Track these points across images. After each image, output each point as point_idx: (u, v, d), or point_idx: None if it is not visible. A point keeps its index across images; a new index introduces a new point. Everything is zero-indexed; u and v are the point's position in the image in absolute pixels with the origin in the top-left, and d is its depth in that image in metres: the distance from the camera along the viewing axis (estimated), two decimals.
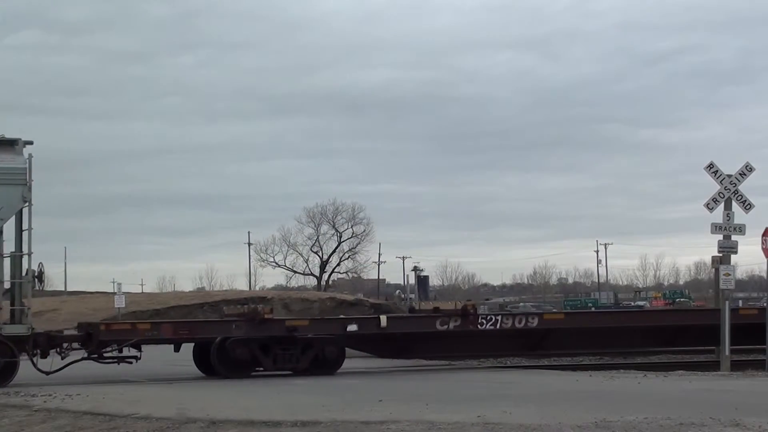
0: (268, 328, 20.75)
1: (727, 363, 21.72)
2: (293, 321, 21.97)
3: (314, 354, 20.67)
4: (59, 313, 44.64)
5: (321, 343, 20.79)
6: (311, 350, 20.70)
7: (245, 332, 20.54)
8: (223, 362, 20.32)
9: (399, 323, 22.61)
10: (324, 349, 20.73)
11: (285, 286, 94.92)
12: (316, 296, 55.29)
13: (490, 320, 22.06)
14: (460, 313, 21.83)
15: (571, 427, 10.88)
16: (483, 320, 21.99)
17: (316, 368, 20.51)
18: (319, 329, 21.32)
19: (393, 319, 22.67)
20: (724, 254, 22.38)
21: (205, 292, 79.74)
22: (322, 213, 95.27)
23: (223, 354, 20.34)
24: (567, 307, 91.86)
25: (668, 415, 11.58)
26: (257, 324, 20.64)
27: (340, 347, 21.07)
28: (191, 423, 12.17)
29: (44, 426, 12.76)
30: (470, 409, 12.63)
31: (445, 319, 21.70)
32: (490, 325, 21.86)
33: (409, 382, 19.08)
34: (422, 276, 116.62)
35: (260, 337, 20.55)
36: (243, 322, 20.81)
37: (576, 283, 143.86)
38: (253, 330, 20.57)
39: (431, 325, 21.82)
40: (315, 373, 20.18)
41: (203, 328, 21.74)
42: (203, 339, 21.06)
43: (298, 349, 20.63)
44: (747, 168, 22.33)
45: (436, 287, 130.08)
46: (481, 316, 22.29)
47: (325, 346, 20.77)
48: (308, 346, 20.74)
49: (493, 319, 22.23)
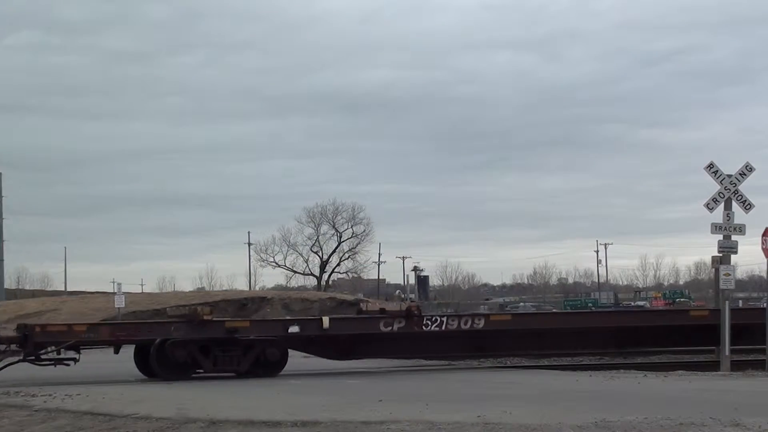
0: (208, 330, 20.50)
1: (727, 363, 21.71)
2: (233, 322, 21.68)
3: (255, 356, 20.45)
4: (59, 313, 44.65)
5: (262, 345, 20.55)
6: (252, 352, 20.48)
7: (184, 334, 20.30)
8: (163, 364, 20.11)
9: (342, 324, 22.33)
10: (266, 351, 20.50)
11: (285, 286, 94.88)
12: (316, 296, 55.27)
13: (435, 321, 21.85)
14: (404, 315, 21.62)
15: (571, 427, 10.88)
16: (428, 321, 21.77)
17: (258, 370, 20.29)
18: (261, 331, 21.09)
19: (336, 320, 22.35)
20: (724, 254, 22.38)
21: (205, 292, 79.67)
22: (322, 213, 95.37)
23: (162, 356, 20.12)
24: (567, 307, 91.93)
25: (668, 415, 11.58)
26: (196, 325, 20.41)
27: (282, 349, 20.80)
28: (191, 423, 12.17)
29: (44, 426, 12.75)
30: (470, 409, 12.63)
31: (389, 321, 21.51)
32: (436, 327, 21.69)
33: (409, 382, 19.08)
34: (422, 276, 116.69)
35: (200, 338, 20.32)
36: (182, 324, 20.60)
37: (576, 283, 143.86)
38: (192, 332, 20.34)
39: (375, 327, 21.60)
40: (257, 375, 19.96)
41: (142, 330, 21.37)
42: (142, 341, 20.86)
43: (239, 351, 20.42)
44: (747, 168, 22.33)
45: (436, 287, 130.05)
46: (426, 318, 22.01)
47: (267, 348, 20.54)
48: (249, 347, 20.53)
49: (439, 320, 21.99)
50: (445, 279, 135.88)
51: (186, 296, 56.04)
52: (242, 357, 20.43)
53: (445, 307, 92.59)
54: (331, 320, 21.63)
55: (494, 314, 25.03)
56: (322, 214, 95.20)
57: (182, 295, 57.76)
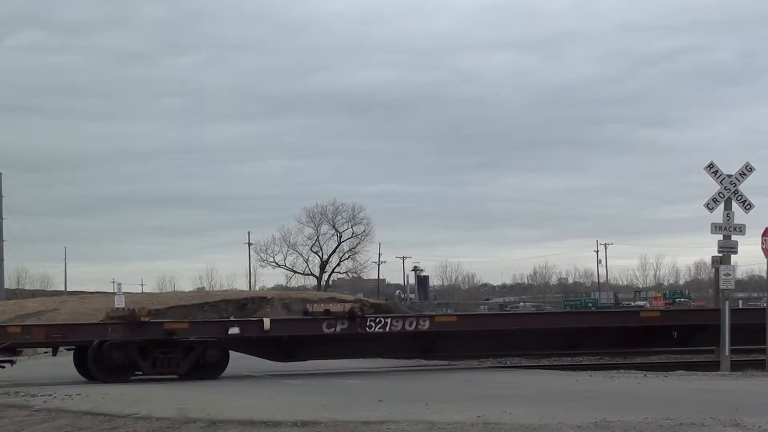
0: (146, 332, 20.32)
1: (727, 363, 21.71)
2: (172, 324, 21.40)
3: (195, 357, 20.28)
4: (59, 313, 44.61)
5: (202, 347, 20.39)
6: (192, 354, 20.31)
7: (122, 335, 20.11)
8: (101, 366, 19.90)
9: (283, 326, 22.22)
10: (205, 353, 20.34)
11: (285, 286, 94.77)
12: (316, 296, 55.21)
13: (379, 323, 21.69)
14: (347, 316, 21.41)
15: (571, 427, 10.87)
16: (372, 323, 21.62)
17: (198, 372, 20.11)
18: (200, 332, 20.89)
19: (277, 321, 22.19)
20: (724, 254, 22.37)
21: (205, 292, 79.55)
22: (322, 213, 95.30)
23: (100, 358, 19.91)
24: (567, 307, 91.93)
25: (668, 415, 11.57)
26: (134, 327, 20.19)
27: (222, 350, 20.62)
28: (191, 423, 12.17)
29: (44, 426, 12.75)
30: (470, 409, 12.62)
31: (332, 322, 21.32)
32: (379, 328, 21.56)
33: (409, 382, 19.08)
34: (422, 276, 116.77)
35: (138, 340, 20.12)
36: (119, 325, 20.38)
37: (576, 283, 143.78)
38: (130, 333, 20.14)
39: (318, 328, 21.40)
40: (198, 378, 19.76)
41: (78, 332, 21.16)
42: (78, 342, 20.69)
43: (179, 353, 20.25)
44: (747, 168, 22.34)
45: (436, 287, 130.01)
46: (370, 319, 21.83)
47: (207, 350, 20.38)
48: (189, 349, 20.37)
49: (383, 321, 21.82)
50: (445, 279, 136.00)
51: (186, 296, 56.00)
52: (182, 359, 20.19)
53: (445, 307, 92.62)
54: (272, 322, 21.44)
55: (439, 315, 24.64)
56: (322, 214, 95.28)
57: (182, 295, 57.73)
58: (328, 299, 50.91)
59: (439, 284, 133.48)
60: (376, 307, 47.02)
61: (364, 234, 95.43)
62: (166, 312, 44.90)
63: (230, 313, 44.96)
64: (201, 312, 44.54)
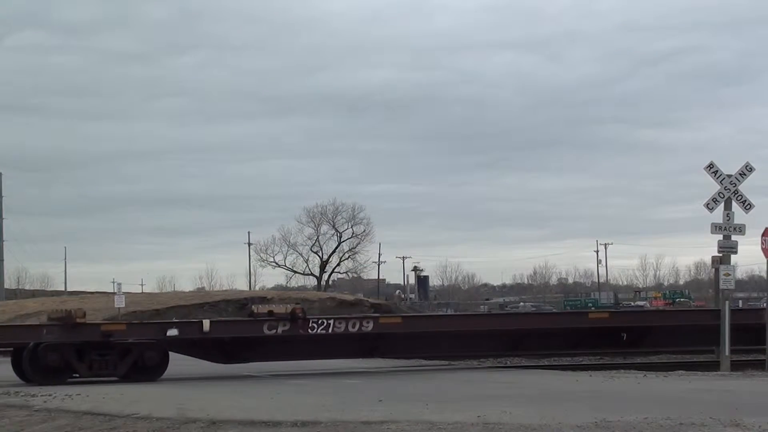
0: (83, 333, 19.93)
1: (727, 363, 21.70)
2: (109, 326, 21.05)
3: (133, 359, 19.95)
4: None
5: (140, 349, 20.02)
6: (130, 356, 19.95)
7: (58, 337, 19.74)
8: (36, 369, 19.56)
9: (224, 328, 22.00)
10: (144, 355, 20.02)
11: (285, 286, 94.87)
12: (316, 296, 55.27)
13: (321, 324, 21.45)
14: (288, 318, 21.14)
15: (571, 427, 10.87)
16: (314, 324, 21.37)
17: (136, 374, 19.78)
18: (138, 334, 20.48)
19: (217, 323, 21.94)
20: (724, 254, 22.36)
21: (205, 292, 79.62)
22: (322, 213, 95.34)
23: (35, 360, 19.60)
24: (567, 307, 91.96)
25: (668, 415, 11.57)
26: (70, 328, 19.87)
27: (161, 352, 20.28)
28: (191, 423, 12.16)
29: (44, 426, 12.75)
30: (470, 409, 12.62)
31: (274, 323, 21.05)
32: (322, 329, 21.32)
33: (409, 382, 19.08)
34: (422, 276, 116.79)
35: (74, 342, 19.79)
36: (55, 327, 20.07)
37: (576, 283, 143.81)
38: (66, 335, 19.78)
39: (259, 330, 21.14)
40: (136, 380, 19.39)
41: (12, 333, 20.76)
42: (12, 344, 20.44)
43: (116, 355, 19.91)
44: (747, 168, 22.33)
45: (436, 287, 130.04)
46: (312, 320, 21.57)
47: (145, 352, 20.01)
48: (127, 351, 19.95)
49: (325, 323, 21.59)
50: (445, 279, 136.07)
51: (186, 296, 56.06)
52: (119, 361, 19.85)
53: (445, 307, 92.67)
54: (212, 323, 21.16)
55: (384, 317, 24.31)
56: (322, 214, 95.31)
57: (182, 295, 57.79)
58: (328, 299, 50.98)
59: (439, 284, 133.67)
60: (375, 307, 47.10)
61: (364, 234, 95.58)
62: (166, 312, 44.97)
63: (230, 313, 45.01)
64: (201, 312, 44.55)
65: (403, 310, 51.30)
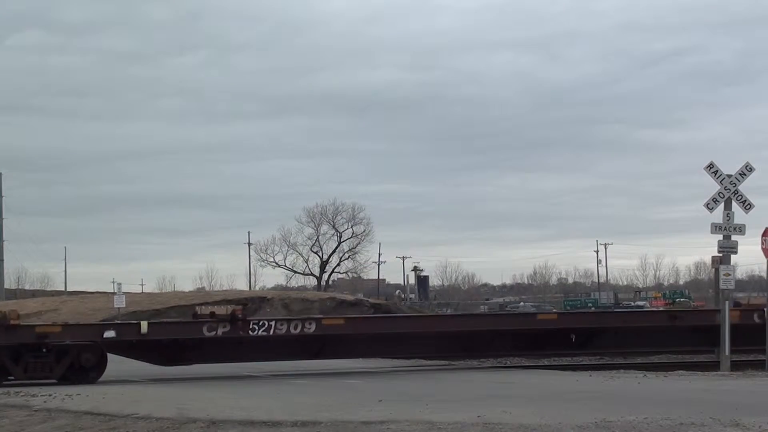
0: (17, 335, 19.69)
1: (727, 363, 21.71)
2: (44, 327, 20.60)
3: (70, 361, 19.73)
4: (59, 313, 44.56)
5: (77, 351, 19.78)
6: (66, 357, 19.70)
7: None
8: None
9: (162, 329, 21.76)
10: (80, 357, 19.79)
11: (285, 286, 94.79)
12: (316, 296, 55.21)
13: (263, 326, 21.30)
14: (229, 319, 20.99)
15: (571, 427, 10.87)
16: (255, 326, 21.23)
17: (73, 376, 19.57)
18: (75, 336, 20.11)
19: (155, 325, 21.78)
20: (724, 254, 22.37)
21: (205, 292, 79.50)
22: (322, 213, 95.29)
23: None
24: (567, 307, 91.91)
25: (668, 415, 11.57)
26: (4, 330, 19.59)
27: (98, 354, 20.04)
28: (191, 423, 12.16)
29: (44, 426, 12.75)
30: (470, 409, 12.62)
31: (213, 325, 20.88)
32: (263, 331, 21.17)
33: (409, 382, 19.08)
34: (422, 276, 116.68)
35: (8, 344, 19.54)
36: None
37: (576, 283, 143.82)
38: (0, 337, 19.53)
39: (198, 331, 20.96)
40: (73, 382, 19.15)
41: None
42: None
43: (52, 357, 19.68)
44: (747, 168, 22.33)
45: (436, 287, 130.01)
46: (253, 322, 21.44)
47: (82, 353, 19.78)
48: (63, 353, 19.74)
49: (266, 324, 21.43)
50: (445, 279, 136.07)
51: (186, 296, 55.96)
52: (55, 363, 19.63)
53: (445, 307, 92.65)
54: (149, 325, 21.01)
55: (326, 318, 24.06)
56: (322, 214, 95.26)
57: (182, 295, 57.69)
58: (328, 299, 50.93)
59: (439, 284, 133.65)
60: (375, 307, 47.01)
61: (364, 234, 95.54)
62: (166, 312, 44.92)
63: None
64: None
65: (404, 310, 51.21)
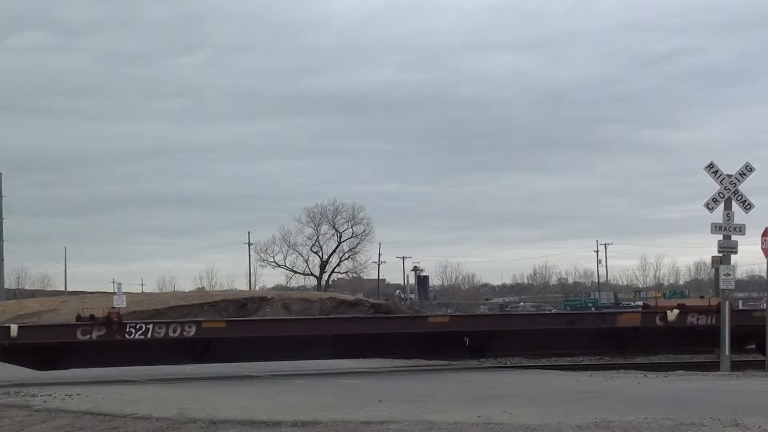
0: None
1: (727, 363, 21.72)
2: None
3: None
4: (59, 313, 44.55)
5: None
6: None
7: None
8: None
9: (33, 333, 21.40)
10: None
11: (285, 286, 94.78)
12: (316, 296, 55.20)
13: (140, 329, 20.95)
14: (104, 323, 20.68)
15: (571, 427, 10.88)
16: (132, 329, 20.87)
17: None
18: None
19: (25, 328, 21.47)
20: (724, 254, 22.38)
21: (205, 292, 79.48)
22: (322, 213, 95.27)
23: None
24: (566, 307, 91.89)
25: (668, 415, 11.58)
26: None
27: None
28: (191, 423, 12.16)
29: (44, 426, 12.75)
30: (470, 409, 12.63)
31: (88, 329, 20.57)
32: (140, 335, 20.83)
33: (409, 382, 19.08)
34: (422, 276, 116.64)
35: None
36: None
37: (576, 283, 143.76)
38: None
39: (72, 335, 20.57)
40: None
41: None
42: None
43: None
44: (747, 168, 22.35)
45: (436, 287, 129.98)
46: (129, 326, 21.04)
47: None
48: None
49: (144, 328, 21.08)
50: (445, 279, 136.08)
51: (186, 296, 55.96)
52: None
53: (445, 307, 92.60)
54: (20, 328, 20.62)
55: (206, 321, 23.71)
56: (322, 214, 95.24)
57: (182, 295, 57.70)
58: (328, 299, 50.93)
59: (439, 284, 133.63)
60: (375, 307, 47.00)
61: (364, 234, 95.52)
62: (166, 312, 44.94)
63: (230, 313, 44.96)
64: (201, 312, 44.54)
65: (404, 310, 51.20)
